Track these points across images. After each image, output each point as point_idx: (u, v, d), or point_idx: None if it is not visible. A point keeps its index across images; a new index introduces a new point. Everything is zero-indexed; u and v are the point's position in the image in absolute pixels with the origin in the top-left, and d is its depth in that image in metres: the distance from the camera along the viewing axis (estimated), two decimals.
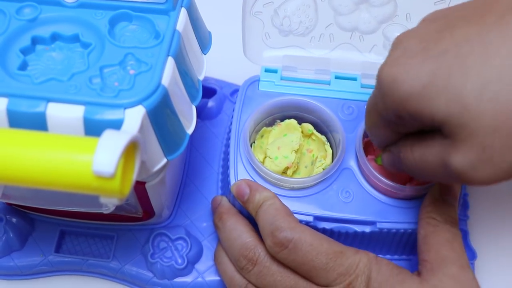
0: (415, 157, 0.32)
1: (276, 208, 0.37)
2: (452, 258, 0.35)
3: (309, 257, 0.36)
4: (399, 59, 0.30)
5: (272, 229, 0.36)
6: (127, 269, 0.43)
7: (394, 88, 0.30)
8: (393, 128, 0.34)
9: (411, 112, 0.30)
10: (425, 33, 0.31)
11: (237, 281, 0.39)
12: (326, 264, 0.35)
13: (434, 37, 0.30)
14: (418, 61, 0.29)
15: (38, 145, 0.26)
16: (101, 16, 0.35)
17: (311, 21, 0.44)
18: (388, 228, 0.39)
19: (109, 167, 0.25)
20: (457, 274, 0.34)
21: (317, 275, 0.36)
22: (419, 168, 0.32)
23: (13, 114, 0.30)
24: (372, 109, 0.35)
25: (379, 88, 0.32)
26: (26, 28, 0.34)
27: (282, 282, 0.37)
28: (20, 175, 0.25)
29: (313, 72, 0.45)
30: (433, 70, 0.29)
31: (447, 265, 0.35)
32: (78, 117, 0.30)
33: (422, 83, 0.29)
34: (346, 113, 0.44)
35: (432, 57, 0.29)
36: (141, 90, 0.31)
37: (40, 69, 0.33)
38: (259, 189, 0.39)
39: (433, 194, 0.38)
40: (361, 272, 0.36)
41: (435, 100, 0.28)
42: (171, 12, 0.35)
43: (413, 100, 0.29)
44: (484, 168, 0.28)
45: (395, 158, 0.35)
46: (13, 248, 0.43)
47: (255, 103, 0.44)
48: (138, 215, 0.42)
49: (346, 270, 0.35)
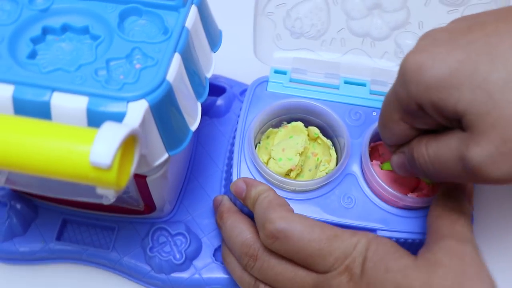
0: (429, 153, 0.32)
1: (269, 200, 0.37)
2: (450, 234, 0.33)
3: (302, 245, 0.35)
4: (427, 47, 0.30)
5: (263, 221, 0.36)
6: (125, 261, 0.43)
7: (419, 75, 0.30)
8: (411, 122, 0.33)
9: (435, 101, 0.30)
10: (454, 28, 0.31)
11: (246, 280, 0.39)
12: (320, 250, 0.35)
13: (464, 30, 0.30)
14: (446, 49, 0.29)
15: (38, 133, 0.26)
16: (112, 10, 0.35)
17: (323, 24, 0.44)
18: (388, 236, 0.39)
19: (106, 159, 0.25)
20: (454, 247, 0.32)
21: (314, 262, 0.35)
22: (433, 165, 0.32)
23: (18, 101, 0.30)
24: (391, 101, 0.34)
25: (403, 76, 0.31)
26: (38, 18, 0.35)
27: (283, 274, 0.37)
28: (18, 162, 0.26)
29: (322, 76, 0.45)
30: (461, 58, 0.29)
31: (444, 239, 0.33)
32: (82, 108, 0.30)
33: (448, 70, 0.29)
34: (353, 118, 0.43)
35: (460, 46, 0.29)
36: (145, 85, 0.31)
37: (48, 58, 0.33)
38: (254, 184, 0.39)
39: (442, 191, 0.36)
40: (358, 254, 0.34)
41: (460, 88, 0.28)
42: (181, 8, 0.35)
43: (438, 87, 0.29)
44: (503, 162, 0.28)
45: (406, 158, 0.35)
46: (16, 234, 0.44)
47: (262, 104, 0.44)
48: (140, 208, 0.42)
49: (343, 254, 0.35)
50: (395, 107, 0.34)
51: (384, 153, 0.43)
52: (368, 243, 0.35)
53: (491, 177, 0.28)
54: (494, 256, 0.45)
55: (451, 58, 0.29)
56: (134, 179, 0.37)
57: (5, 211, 0.44)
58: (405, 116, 0.33)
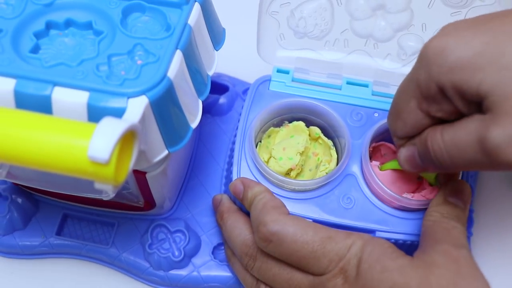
0: (445, 139, 0.32)
1: (263, 203, 0.37)
2: (446, 239, 0.33)
3: (295, 248, 0.35)
4: (450, 32, 0.31)
5: (257, 224, 0.36)
6: (124, 257, 0.43)
7: (442, 56, 0.30)
8: (427, 108, 0.33)
9: (457, 82, 0.30)
10: (476, 18, 0.32)
11: (248, 280, 0.39)
12: (313, 252, 0.35)
13: (487, 19, 0.31)
14: (470, 33, 0.30)
15: (37, 127, 0.26)
16: (115, 6, 0.35)
17: (326, 25, 0.44)
18: (387, 238, 0.39)
19: (104, 154, 0.25)
20: (449, 250, 0.33)
21: (308, 265, 0.35)
22: (448, 152, 0.32)
23: (20, 95, 0.31)
24: (407, 89, 0.34)
25: (425, 59, 0.31)
26: (42, 13, 0.35)
27: (280, 275, 0.37)
28: (17, 155, 0.26)
29: (325, 76, 0.45)
30: (486, 41, 0.29)
31: (440, 243, 0.33)
32: (82, 103, 0.30)
33: (472, 52, 0.29)
34: (355, 119, 0.43)
35: (484, 30, 0.30)
36: (146, 81, 0.31)
37: (51, 53, 0.34)
38: (251, 185, 0.39)
39: (439, 196, 0.37)
40: (353, 256, 0.34)
41: (484, 69, 0.29)
42: (184, 6, 0.35)
43: (462, 68, 0.29)
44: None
45: (417, 150, 0.35)
46: (16, 227, 0.44)
47: (264, 103, 0.44)
48: (140, 205, 0.42)
49: (336, 255, 0.34)
50: (412, 94, 0.33)
51: (386, 153, 0.43)
52: (363, 244, 0.35)
53: (508, 159, 0.28)
54: (494, 256, 0.46)
55: (475, 40, 0.29)
56: (133, 175, 0.37)
57: (6, 205, 0.44)
58: (422, 102, 0.33)
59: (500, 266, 0.45)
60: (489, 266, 0.44)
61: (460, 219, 0.35)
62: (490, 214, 0.47)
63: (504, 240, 0.46)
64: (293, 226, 0.35)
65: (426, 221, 0.36)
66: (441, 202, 0.36)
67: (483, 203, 0.48)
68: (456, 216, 0.35)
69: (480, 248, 0.46)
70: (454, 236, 0.34)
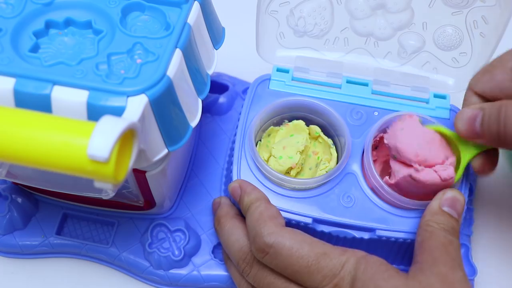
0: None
1: (260, 212, 0.37)
2: (444, 260, 0.34)
3: (290, 262, 0.35)
4: None
5: (253, 234, 0.36)
6: (124, 257, 0.43)
7: None
8: None
9: None
10: None
11: (244, 286, 0.39)
12: (308, 267, 0.35)
13: None
14: None
15: (37, 125, 0.26)
16: (115, 5, 0.35)
17: (326, 24, 0.44)
18: (387, 236, 0.39)
19: (104, 152, 0.25)
20: (445, 273, 0.33)
21: (302, 279, 0.35)
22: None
23: (19, 94, 0.31)
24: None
25: None
26: (41, 12, 0.35)
27: (275, 284, 0.37)
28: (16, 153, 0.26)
29: (324, 75, 0.45)
30: None
31: (438, 265, 0.34)
32: (82, 101, 0.30)
33: None
34: (355, 118, 0.43)
35: None
36: (145, 80, 0.31)
37: (51, 52, 0.34)
38: (248, 190, 0.39)
39: (434, 205, 0.37)
40: (347, 273, 0.35)
41: None
42: (184, 5, 0.35)
43: None
44: None
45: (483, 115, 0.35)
46: (16, 227, 0.44)
47: (264, 102, 0.44)
48: (140, 204, 0.42)
49: (331, 272, 0.35)
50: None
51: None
52: (356, 262, 0.35)
53: None
54: (494, 255, 0.46)
55: None
56: (133, 174, 0.37)
57: (6, 205, 0.44)
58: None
59: (500, 265, 0.45)
60: (489, 266, 0.45)
61: (456, 231, 0.36)
62: (490, 214, 0.47)
63: (504, 240, 0.46)
64: (289, 240, 0.36)
65: (423, 231, 0.36)
66: (437, 211, 0.37)
67: (483, 202, 0.48)
68: (452, 228, 0.36)
69: (480, 247, 0.46)
70: (451, 254, 0.34)
